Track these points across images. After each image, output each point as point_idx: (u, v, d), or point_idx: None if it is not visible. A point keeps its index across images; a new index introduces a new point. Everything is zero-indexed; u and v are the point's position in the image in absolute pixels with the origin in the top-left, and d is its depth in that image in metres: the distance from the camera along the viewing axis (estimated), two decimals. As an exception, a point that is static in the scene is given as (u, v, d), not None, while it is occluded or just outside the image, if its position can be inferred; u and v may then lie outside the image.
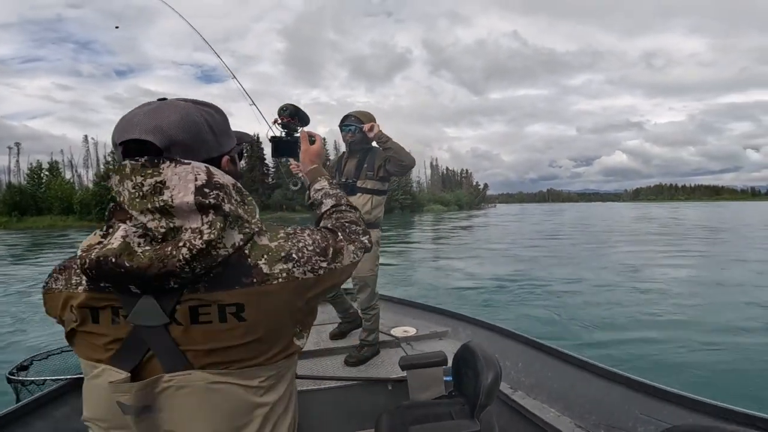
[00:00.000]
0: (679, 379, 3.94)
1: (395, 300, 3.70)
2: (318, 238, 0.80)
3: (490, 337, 2.88)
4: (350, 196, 2.63)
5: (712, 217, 39.84)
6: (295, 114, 1.21)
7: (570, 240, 17.92)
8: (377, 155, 2.75)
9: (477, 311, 5.90)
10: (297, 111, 1.21)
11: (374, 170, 2.73)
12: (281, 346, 0.72)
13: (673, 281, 8.41)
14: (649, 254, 12.88)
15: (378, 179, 2.75)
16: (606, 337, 5.00)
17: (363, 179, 2.73)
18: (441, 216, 56.73)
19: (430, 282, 8.71)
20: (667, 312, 6.10)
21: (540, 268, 9.99)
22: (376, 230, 2.77)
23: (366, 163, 2.75)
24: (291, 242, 0.75)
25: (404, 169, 2.71)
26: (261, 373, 0.70)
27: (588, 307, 6.37)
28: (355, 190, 2.71)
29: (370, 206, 2.72)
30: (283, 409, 0.75)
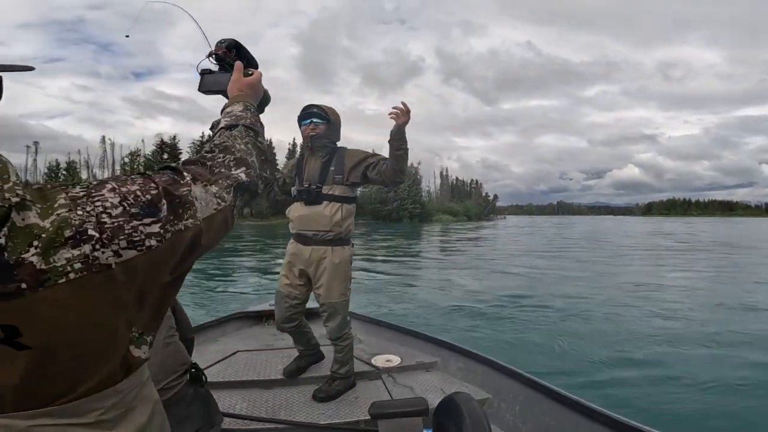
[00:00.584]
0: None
1: (380, 323, 3.35)
2: (135, 188, 0.55)
3: (484, 373, 2.53)
4: (315, 205, 2.28)
5: (731, 234, 38.26)
6: (235, 47, 0.99)
7: (581, 256, 17.04)
8: (347, 156, 2.36)
9: (471, 336, 5.44)
10: (239, 46, 0.99)
11: (344, 174, 2.33)
12: (111, 363, 0.53)
13: (696, 306, 7.67)
14: (665, 273, 12.10)
15: (348, 185, 2.35)
16: (617, 376, 4.39)
17: (330, 184, 2.32)
18: (448, 227, 55.74)
19: (424, 298, 8.14)
20: (691, 345, 5.36)
21: (546, 287, 9.37)
22: (348, 247, 2.40)
23: (333, 165, 2.34)
24: (82, 210, 0.49)
25: (397, 182, 2.31)
26: (95, 404, 0.52)
27: (598, 336, 5.74)
28: (320, 197, 2.31)
29: (340, 217, 2.32)
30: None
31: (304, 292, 2.41)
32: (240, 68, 0.94)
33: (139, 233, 0.52)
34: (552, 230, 46.19)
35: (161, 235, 0.54)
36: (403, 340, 3.07)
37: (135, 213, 0.52)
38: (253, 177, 0.74)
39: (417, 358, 2.81)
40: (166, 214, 0.55)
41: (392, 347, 2.97)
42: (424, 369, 2.72)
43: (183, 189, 0.60)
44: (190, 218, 0.59)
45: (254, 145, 0.80)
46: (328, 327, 2.37)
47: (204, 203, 0.62)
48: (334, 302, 2.34)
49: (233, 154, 0.73)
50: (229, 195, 0.67)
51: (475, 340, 5.21)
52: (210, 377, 2.49)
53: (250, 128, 0.82)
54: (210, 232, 0.62)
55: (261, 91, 0.96)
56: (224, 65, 0.99)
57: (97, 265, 0.49)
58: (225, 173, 0.69)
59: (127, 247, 0.51)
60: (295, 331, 2.50)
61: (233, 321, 3.44)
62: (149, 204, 0.54)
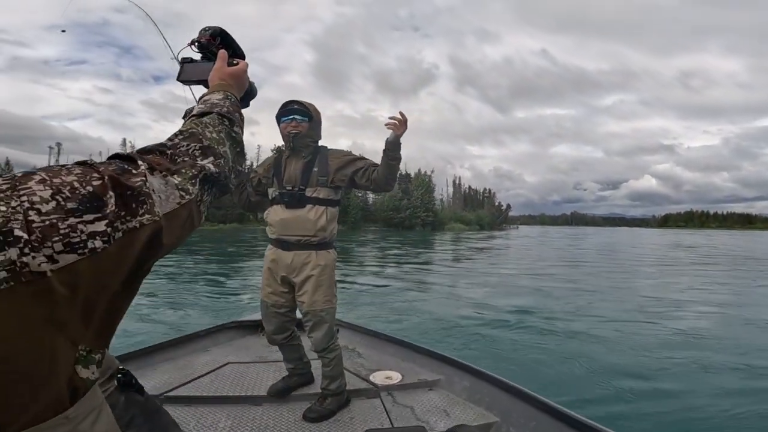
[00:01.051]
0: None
1: (381, 336, 3.13)
2: (71, 179, 0.45)
3: (492, 393, 2.32)
4: (298, 208, 2.10)
5: (754, 247, 36.55)
6: (220, 35, 0.91)
7: (598, 269, 16.29)
8: (330, 156, 2.20)
9: (478, 353, 5.11)
10: (224, 34, 0.91)
11: (328, 175, 2.16)
12: (54, 387, 0.44)
13: (724, 324, 7.12)
14: (689, 288, 11.45)
15: (332, 187, 2.18)
16: (641, 401, 3.98)
17: (314, 186, 2.15)
18: (459, 235, 54.93)
19: (430, 311, 7.74)
20: (719, 368, 4.87)
21: (560, 302, 8.83)
22: (332, 250, 2.22)
23: (317, 166, 2.17)
24: (6, 205, 0.40)
25: (387, 190, 2.20)
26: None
27: (617, 356, 5.27)
28: (304, 200, 2.14)
29: (325, 220, 2.14)
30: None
31: (290, 299, 2.24)
32: (224, 56, 0.87)
33: (78, 233, 0.42)
34: (566, 241, 45.00)
35: (108, 234, 0.45)
36: (404, 354, 2.86)
37: (72, 208, 0.43)
38: (223, 168, 0.65)
39: (419, 375, 2.60)
40: (114, 209, 0.46)
41: (393, 363, 2.76)
42: (427, 387, 2.51)
43: (136, 179, 0.50)
44: (147, 213, 0.50)
45: (228, 135, 0.72)
46: (313, 338, 2.18)
47: (164, 196, 0.53)
48: (318, 310, 2.15)
49: (200, 141, 0.65)
50: (195, 187, 0.58)
51: (482, 357, 4.90)
52: (196, 390, 2.34)
53: (225, 116, 0.74)
54: (173, 230, 0.54)
55: (245, 83, 0.88)
56: (207, 54, 0.91)
57: (27, 273, 0.39)
58: (189, 162, 0.60)
59: (64, 251, 0.41)
60: (287, 344, 2.32)
61: (226, 330, 3.27)
62: (91, 197, 0.44)
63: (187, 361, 2.70)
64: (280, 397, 2.30)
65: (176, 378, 2.44)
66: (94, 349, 0.48)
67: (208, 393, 2.30)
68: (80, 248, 0.42)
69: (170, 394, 2.26)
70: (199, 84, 0.90)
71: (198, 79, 0.89)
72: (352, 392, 2.33)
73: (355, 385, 2.41)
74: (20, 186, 0.42)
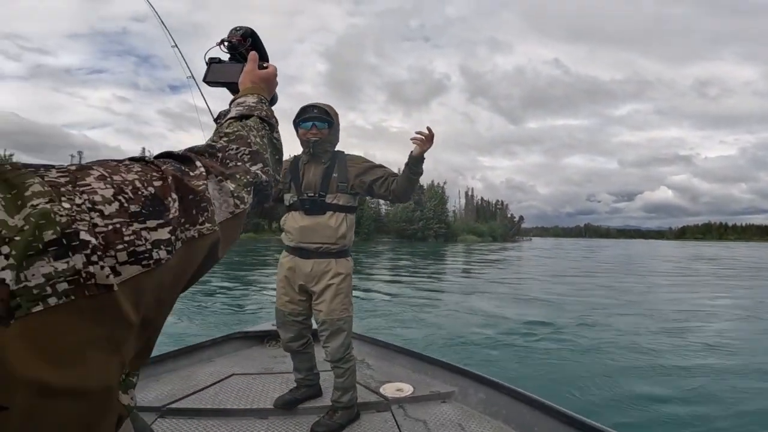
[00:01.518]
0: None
1: (392, 347, 3.00)
2: (132, 178, 0.38)
3: (510, 406, 2.19)
4: (318, 215, 2.03)
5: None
6: (251, 36, 0.85)
7: (617, 281, 15.53)
8: (349, 162, 2.14)
9: (493, 365, 4.87)
10: (255, 35, 0.86)
11: (348, 181, 2.10)
12: (106, 421, 0.37)
13: (759, 340, 6.62)
14: (716, 301, 10.79)
15: (352, 193, 2.12)
16: (660, 410, 3.80)
17: (334, 193, 2.08)
18: (472, 247, 54.05)
19: (442, 322, 7.47)
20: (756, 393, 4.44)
21: (578, 313, 8.43)
22: (350, 258, 2.15)
23: (336, 172, 2.11)
24: (69, 202, 0.33)
25: (403, 201, 2.18)
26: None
27: (643, 368, 4.97)
28: (324, 207, 2.07)
29: (345, 227, 2.08)
30: None
31: (306, 307, 2.16)
32: (255, 58, 0.82)
33: (143, 241, 0.36)
34: (581, 252, 43.92)
35: (171, 243, 0.39)
36: (416, 366, 2.74)
37: (135, 212, 0.37)
38: (270, 178, 0.60)
39: (432, 387, 2.47)
40: (176, 215, 0.40)
41: (404, 374, 2.65)
42: (440, 400, 2.39)
43: (198, 182, 0.45)
44: (207, 222, 0.43)
45: (270, 141, 0.67)
46: (330, 347, 2.09)
47: (218, 204, 0.47)
48: (336, 318, 2.07)
49: (248, 146, 0.59)
50: (249, 196, 0.52)
51: (497, 369, 4.69)
52: (199, 403, 2.23)
53: (265, 120, 0.69)
54: (225, 243, 0.47)
55: (274, 88, 0.84)
56: (236, 55, 0.86)
57: (92, 286, 0.33)
58: (242, 168, 0.54)
59: (128, 261, 0.35)
60: (302, 351, 2.23)
61: (231, 341, 3.18)
62: (153, 200, 0.38)
63: (190, 372, 2.62)
64: (287, 410, 2.20)
65: (179, 389, 2.36)
66: (132, 371, 0.41)
67: (212, 405, 2.21)
68: (145, 259, 0.36)
69: (173, 406, 2.18)
70: (226, 86, 0.85)
71: (225, 81, 0.84)
72: (361, 405, 2.22)
73: (365, 398, 2.30)
74: (79, 181, 0.35)
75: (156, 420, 2.05)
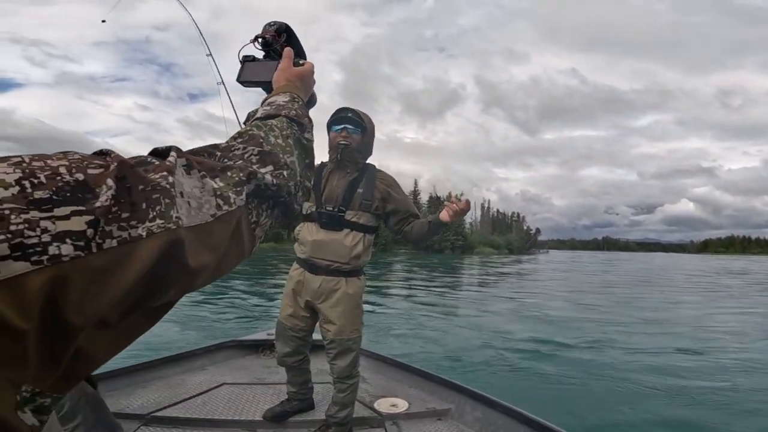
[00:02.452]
0: None
1: (388, 360, 2.91)
2: (61, 164, 0.33)
3: (507, 425, 2.10)
4: (334, 231, 1.90)
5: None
6: (285, 32, 0.79)
7: (642, 297, 14.48)
8: (379, 179, 2.00)
9: (494, 383, 4.61)
10: (290, 31, 0.80)
11: (373, 200, 1.95)
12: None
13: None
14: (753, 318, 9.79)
15: (374, 213, 1.98)
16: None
17: (356, 210, 1.94)
18: (489, 259, 52.75)
19: (445, 336, 7.16)
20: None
21: (591, 331, 7.93)
22: (362, 277, 2.03)
23: (362, 187, 1.95)
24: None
25: (411, 243, 2.14)
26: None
27: (662, 396, 4.57)
28: (342, 223, 1.93)
29: (361, 248, 1.95)
30: None
31: (310, 324, 2.06)
32: (290, 55, 0.75)
33: (36, 231, 0.29)
34: (601, 266, 42.19)
35: (89, 239, 0.31)
36: (413, 381, 2.64)
37: (38, 199, 0.30)
38: (286, 182, 0.52)
39: (428, 403, 2.37)
40: (108, 204, 0.32)
41: (400, 389, 2.55)
42: (436, 417, 2.28)
43: (156, 174, 0.37)
44: (158, 218, 0.35)
45: (297, 142, 0.60)
46: (337, 365, 1.99)
47: (195, 203, 0.39)
48: (345, 339, 1.96)
49: (259, 146, 0.52)
50: (239, 197, 0.44)
51: (500, 387, 4.46)
52: (186, 412, 2.15)
53: (294, 120, 0.62)
54: (201, 250, 0.39)
55: (311, 86, 0.77)
56: (270, 52, 0.79)
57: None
58: (238, 165, 0.47)
59: (10, 256, 0.28)
60: (297, 367, 2.13)
61: (225, 349, 3.10)
62: (75, 186, 0.32)
63: (180, 380, 2.55)
64: (277, 423, 2.12)
65: (166, 397, 2.29)
66: (41, 391, 0.33)
67: (199, 415, 2.14)
68: (36, 254, 0.29)
69: (158, 414, 2.11)
70: (260, 86, 0.79)
71: (260, 80, 0.78)
72: (354, 421, 2.12)
73: (359, 413, 2.20)
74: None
75: (139, 428, 1.99)
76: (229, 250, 0.44)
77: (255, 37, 0.79)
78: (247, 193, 0.46)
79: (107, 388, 2.27)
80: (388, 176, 2.06)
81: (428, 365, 3.11)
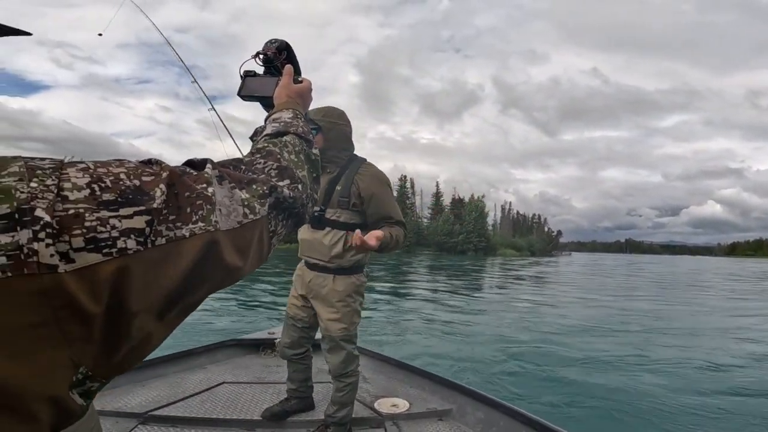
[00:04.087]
0: None
1: (390, 361, 2.80)
2: (120, 171, 0.37)
3: (509, 426, 1.99)
4: (316, 230, 1.86)
5: None
6: (286, 50, 0.81)
7: (673, 301, 13.27)
8: (363, 176, 1.88)
9: (496, 386, 4.37)
10: (290, 48, 0.81)
11: (350, 197, 1.85)
12: (45, 412, 0.33)
13: None
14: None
15: (354, 210, 1.88)
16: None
17: (335, 208, 1.86)
18: (512, 261, 50.57)
19: (452, 338, 6.83)
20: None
21: (621, 339, 7.29)
22: (355, 276, 1.94)
23: (341, 184, 1.87)
24: (38, 182, 0.32)
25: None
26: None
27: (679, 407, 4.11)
28: (322, 222, 1.87)
29: (341, 248, 1.86)
30: None
31: (312, 315, 2.00)
32: (290, 72, 0.77)
33: (107, 228, 0.33)
34: (627, 269, 40.01)
35: (146, 235, 0.35)
36: (414, 381, 2.52)
37: (107, 200, 0.34)
38: (300, 195, 0.55)
39: (428, 404, 2.26)
40: (161, 206, 0.36)
41: (401, 389, 2.44)
42: (436, 417, 2.17)
43: (199, 183, 0.42)
44: (201, 221, 0.39)
45: (307, 158, 0.62)
46: (330, 362, 1.94)
47: (225, 210, 0.43)
48: (336, 336, 1.90)
49: (278, 161, 0.55)
50: (263, 207, 0.48)
51: (499, 388, 4.27)
52: (185, 411, 2.09)
53: (302, 137, 0.64)
54: (233, 251, 0.43)
55: (310, 103, 0.79)
56: (271, 68, 0.80)
57: (32, 264, 0.30)
58: (262, 179, 0.50)
59: (85, 248, 0.32)
60: (298, 361, 2.07)
61: (225, 348, 3.01)
62: (135, 190, 0.36)
63: (180, 379, 2.49)
64: (275, 422, 2.05)
65: (165, 396, 2.23)
66: (95, 376, 0.36)
67: (198, 414, 2.07)
68: (107, 246, 0.33)
69: (156, 413, 2.04)
70: (260, 101, 0.79)
71: (260, 95, 0.78)
72: (354, 421, 2.04)
73: (358, 413, 2.11)
74: (62, 170, 0.34)
75: (136, 426, 1.94)
76: (253, 255, 0.47)
77: (256, 54, 0.80)
78: (269, 204, 0.49)
79: (106, 386, 2.24)
80: (370, 171, 1.92)
81: (429, 365, 2.99)
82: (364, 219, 1.90)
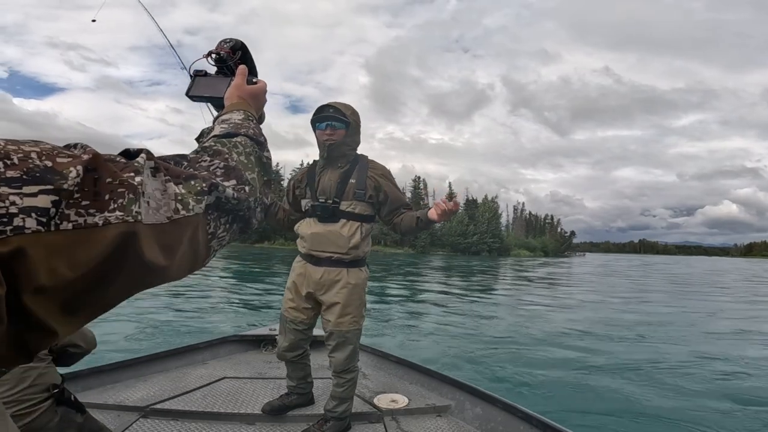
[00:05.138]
0: None
1: (389, 357, 2.75)
2: (33, 149, 0.33)
3: (507, 422, 1.93)
4: (331, 223, 1.83)
5: None
6: (240, 49, 0.75)
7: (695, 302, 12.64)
8: (371, 169, 1.92)
9: (497, 383, 4.26)
10: (245, 49, 0.76)
11: (366, 189, 1.88)
12: None
13: None
14: None
15: (369, 202, 1.90)
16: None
17: (350, 200, 1.87)
18: (524, 262, 49.26)
19: (456, 335, 6.67)
20: None
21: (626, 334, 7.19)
22: (364, 268, 1.94)
23: (354, 177, 1.89)
24: None
25: (399, 235, 2.08)
26: None
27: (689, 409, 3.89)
28: (337, 214, 1.86)
29: (359, 237, 1.86)
30: None
31: (311, 316, 1.98)
32: (244, 72, 0.72)
33: (5, 204, 0.29)
34: (643, 270, 38.34)
35: (51, 216, 0.31)
36: (413, 377, 2.49)
37: (10, 177, 0.30)
38: (246, 198, 0.50)
39: (427, 399, 2.22)
40: (73, 188, 0.33)
41: (400, 385, 2.41)
42: (435, 413, 2.13)
43: (126, 171, 0.38)
44: (119, 210, 0.35)
45: (258, 160, 0.58)
46: (335, 358, 1.90)
47: (154, 203, 0.39)
48: (345, 331, 1.87)
49: (226, 161, 0.51)
50: (198, 205, 0.43)
51: (497, 384, 4.17)
52: (186, 405, 2.08)
53: (253, 139, 0.60)
54: (155, 248, 0.38)
55: (263, 105, 0.74)
56: (224, 68, 0.76)
57: None
58: (202, 176, 0.46)
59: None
60: (297, 362, 2.05)
61: (227, 344, 3.00)
62: (45, 169, 0.32)
63: (181, 374, 2.48)
64: (275, 417, 2.03)
65: (166, 390, 2.23)
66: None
67: (199, 408, 2.06)
68: (1, 224, 0.29)
69: (157, 406, 2.04)
70: (210, 101, 0.76)
71: (210, 96, 0.74)
72: (353, 416, 2.02)
73: (358, 408, 2.09)
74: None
75: (137, 420, 1.94)
76: (183, 255, 0.42)
77: (209, 53, 0.75)
78: (207, 203, 0.45)
79: (108, 381, 2.26)
80: (380, 166, 1.99)
81: (428, 362, 2.94)
82: (376, 210, 1.95)
